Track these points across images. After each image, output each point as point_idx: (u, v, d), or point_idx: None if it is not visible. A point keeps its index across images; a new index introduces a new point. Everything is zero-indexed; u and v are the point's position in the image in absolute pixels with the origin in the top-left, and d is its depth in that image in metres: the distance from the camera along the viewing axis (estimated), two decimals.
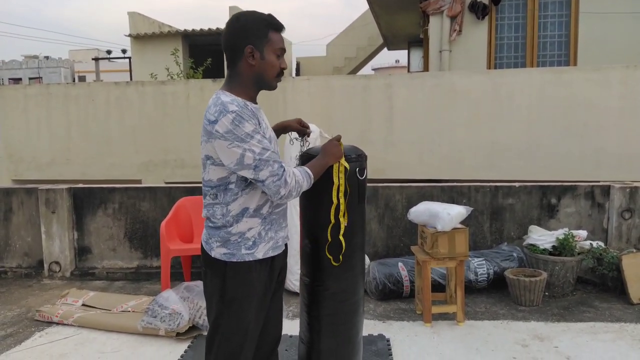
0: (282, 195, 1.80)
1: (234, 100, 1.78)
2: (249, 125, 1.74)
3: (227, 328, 1.89)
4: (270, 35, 1.84)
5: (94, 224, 4.92)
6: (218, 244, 1.88)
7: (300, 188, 1.85)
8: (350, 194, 2.10)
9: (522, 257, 4.22)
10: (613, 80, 5.95)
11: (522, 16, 7.66)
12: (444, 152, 6.30)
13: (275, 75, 1.88)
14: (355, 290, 2.21)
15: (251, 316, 1.89)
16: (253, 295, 1.89)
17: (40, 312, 3.81)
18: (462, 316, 3.57)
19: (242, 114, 1.74)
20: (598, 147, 5.97)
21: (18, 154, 7.30)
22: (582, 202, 4.52)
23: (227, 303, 1.87)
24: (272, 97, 6.60)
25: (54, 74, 36.64)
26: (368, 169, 2.23)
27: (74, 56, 42.30)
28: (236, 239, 1.86)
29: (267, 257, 1.92)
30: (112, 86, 7.20)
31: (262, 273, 1.91)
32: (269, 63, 1.85)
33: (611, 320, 3.63)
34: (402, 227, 4.58)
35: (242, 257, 1.86)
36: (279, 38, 1.87)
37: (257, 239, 1.88)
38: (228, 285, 1.87)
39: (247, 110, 1.77)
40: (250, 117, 1.76)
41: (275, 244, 1.94)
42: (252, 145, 1.73)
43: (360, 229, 2.20)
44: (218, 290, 1.89)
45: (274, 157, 1.78)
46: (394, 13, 10.17)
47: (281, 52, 1.88)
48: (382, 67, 36.76)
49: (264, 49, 1.83)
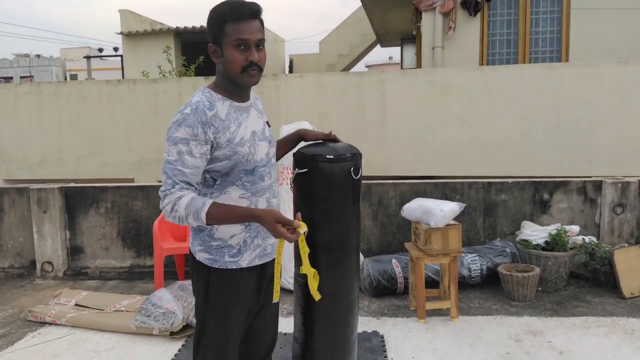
0: (162, 207, 1.68)
1: (199, 102, 1.70)
2: (183, 132, 1.64)
3: (211, 332, 1.84)
4: (226, 29, 1.67)
5: (86, 224, 4.89)
6: (200, 248, 1.81)
7: (179, 218, 1.65)
8: (344, 195, 2.06)
9: (515, 253, 4.24)
10: (605, 76, 5.98)
11: (514, 12, 7.69)
12: (437, 148, 6.31)
13: (239, 71, 1.70)
14: (350, 291, 2.19)
15: (234, 322, 1.84)
16: (237, 302, 1.82)
17: (32, 313, 3.78)
18: (455, 312, 3.58)
19: (187, 119, 1.65)
20: (590, 143, 6.00)
21: (9, 153, 7.24)
22: (575, 197, 4.55)
23: (211, 308, 1.82)
24: (265, 95, 6.59)
25: (45, 72, 36.37)
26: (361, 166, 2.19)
27: (65, 54, 42.00)
28: (218, 244, 1.78)
29: (253, 266, 1.84)
30: (104, 84, 7.15)
31: (249, 280, 1.84)
32: (229, 59, 1.69)
33: (604, 314, 3.65)
34: (396, 224, 4.59)
35: (225, 264, 1.79)
36: (239, 28, 1.67)
37: (242, 247, 1.80)
38: (211, 291, 1.81)
39: (197, 117, 1.66)
40: (193, 125, 1.64)
41: (262, 251, 1.86)
42: (171, 151, 1.66)
43: (355, 230, 2.17)
44: (203, 294, 1.83)
45: (176, 173, 1.65)
46: (386, 10, 10.17)
47: (243, 43, 1.68)
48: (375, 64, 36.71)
49: (222, 45, 1.70)
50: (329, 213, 2.07)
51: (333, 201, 2.06)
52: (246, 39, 1.67)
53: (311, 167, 2.01)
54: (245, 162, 1.76)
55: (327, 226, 2.08)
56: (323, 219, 2.07)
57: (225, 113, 1.74)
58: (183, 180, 1.66)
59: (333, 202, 2.06)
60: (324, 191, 2.04)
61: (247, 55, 1.69)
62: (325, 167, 2.01)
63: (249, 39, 1.68)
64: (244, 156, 1.74)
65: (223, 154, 1.71)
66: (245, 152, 1.75)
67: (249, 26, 1.68)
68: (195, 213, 1.63)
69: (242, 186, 1.78)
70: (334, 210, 2.08)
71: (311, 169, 2.02)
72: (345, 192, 2.07)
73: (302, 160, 2.04)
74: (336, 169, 2.02)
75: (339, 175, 2.03)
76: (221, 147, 1.71)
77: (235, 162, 1.74)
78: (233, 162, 1.73)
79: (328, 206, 2.07)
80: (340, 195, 2.06)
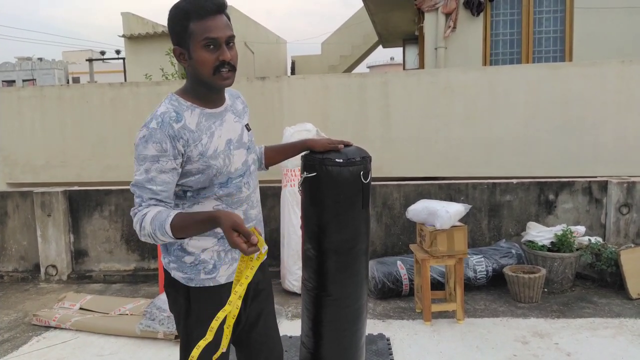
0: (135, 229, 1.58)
1: (165, 113, 1.58)
2: (152, 149, 1.53)
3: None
4: (191, 28, 1.53)
5: (90, 227, 4.89)
6: (174, 266, 1.69)
7: (147, 235, 1.54)
8: (353, 199, 2.02)
9: (521, 254, 4.21)
10: (609, 75, 5.95)
11: (517, 12, 7.66)
12: (441, 149, 6.29)
13: (210, 72, 1.56)
14: (358, 296, 2.15)
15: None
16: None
17: (37, 317, 3.78)
18: (461, 314, 3.56)
19: (154, 134, 1.54)
20: (595, 142, 5.97)
21: (12, 156, 7.25)
22: (580, 197, 4.52)
23: (195, 325, 1.69)
24: (267, 97, 6.59)
25: (47, 75, 36.47)
26: None
27: (67, 57, 42.11)
28: (192, 261, 1.67)
29: (231, 282, 1.68)
30: (107, 87, 7.16)
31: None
32: (198, 60, 1.55)
33: (610, 315, 3.63)
34: (400, 225, 4.57)
35: (202, 282, 1.68)
36: (206, 26, 1.53)
37: (217, 262, 1.68)
38: (194, 308, 1.69)
39: (164, 131, 1.54)
40: (161, 140, 1.53)
41: None
42: (139, 170, 1.56)
43: (364, 235, 2.12)
44: (184, 311, 1.71)
45: (147, 192, 1.55)
46: (388, 10, 10.15)
47: (212, 42, 1.53)
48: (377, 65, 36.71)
49: (189, 46, 1.55)
50: (337, 217, 2.03)
51: (342, 205, 2.01)
52: (215, 37, 1.53)
53: (320, 171, 1.96)
54: (220, 175, 1.64)
55: (335, 231, 2.04)
56: (332, 223, 2.03)
57: (196, 123, 1.60)
58: (152, 198, 1.56)
59: (342, 207, 2.01)
60: (333, 195, 1.99)
61: (217, 55, 1.55)
62: (334, 171, 1.96)
63: (218, 37, 1.53)
64: (219, 169, 1.63)
65: (195, 167, 1.60)
66: (219, 165, 1.62)
67: (217, 22, 1.54)
68: (161, 227, 1.50)
69: (217, 198, 1.66)
70: (343, 214, 2.03)
71: (320, 173, 1.97)
72: (354, 196, 2.02)
73: (310, 163, 2.00)
74: (345, 172, 1.96)
75: (348, 180, 1.97)
76: (193, 161, 1.59)
77: (209, 176, 1.62)
78: (206, 176, 1.62)
79: (337, 210, 2.02)
80: (349, 200, 2.01)
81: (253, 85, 6.67)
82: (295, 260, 4.13)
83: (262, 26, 15.01)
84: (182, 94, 1.65)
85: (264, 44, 14.82)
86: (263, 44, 14.65)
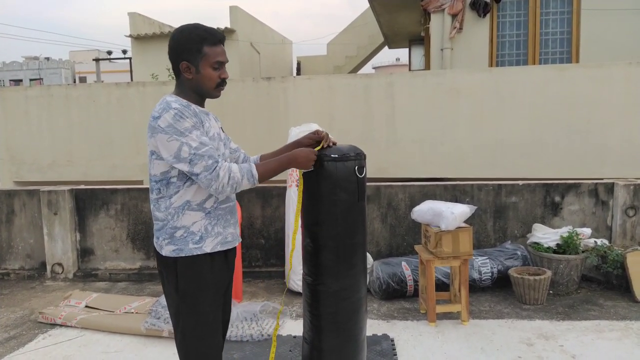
0: (215, 188, 1.84)
1: (177, 100, 1.90)
2: (189, 122, 1.84)
3: (187, 323, 1.94)
4: (205, 50, 1.91)
5: (96, 225, 4.91)
6: (166, 242, 1.94)
7: (235, 184, 1.87)
8: (349, 193, 2.11)
9: (526, 256, 4.20)
10: (616, 77, 5.92)
11: (524, 13, 7.64)
12: (447, 150, 6.28)
13: (213, 86, 1.96)
14: (357, 288, 2.21)
15: (208, 308, 1.94)
16: (206, 288, 1.94)
17: (43, 314, 3.80)
18: (466, 315, 3.56)
19: (183, 111, 1.85)
20: (601, 144, 5.94)
21: (19, 155, 7.30)
22: (586, 199, 4.50)
23: (182, 297, 1.93)
24: (273, 97, 6.60)
25: (54, 75, 36.68)
26: (371, 168, 2.23)
27: (74, 57, 42.34)
28: (182, 233, 1.92)
29: (217, 251, 1.96)
30: (113, 87, 7.19)
31: (215, 265, 1.96)
32: (206, 76, 1.93)
33: (616, 318, 3.61)
34: (405, 226, 4.57)
35: (190, 251, 1.92)
36: (216, 51, 1.94)
37: (204, 234, 1.94)
38: (181, 280, 1.92)
39: (189, 109, 1.87)
40: (191, 115, 1.86)
41: (224, 239, 1.99)
42: (189, 140, 1.82)
43: (360, 227, 2.20)
44: (174, 287, 1.95)
45: (210, 152, 1.84)
46: (394, 11, 10.15)
47: (219, 65, 1.95)
48: (382, 66, 36.70)
49: (199, 64, 1.92)
50: (335, 211, 2.12)
51: (338, 199, 2.11)
52: (222, 61, 1.96)
53: (316, 167, 2.08)
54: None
55: (333, 224, 2.13)
56: (329, 216, 2.12)
57: (197, 112, 1.93)
58: (218, 155, 1.89)
59: (339, 200, 2.11)
60: (329, 189, 2.09)
61: (220, 74, 1.96)
62: (330, 166, 2.07)
63: (224, 61, 1.97)
64: (216, 149, 1.91)
65: None
66: (215, 147, 1.93)
67: (223, 50, 1.97)
68: (248, 172, 1.89)
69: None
70: (340, 207, 2.12)
71: (316, 168, 2.08)
72: (350, 190, 2.12)
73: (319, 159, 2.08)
74: (341, 167, 2.08)
75: (343, 174, 2.09)
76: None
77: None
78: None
79: (334, 204, 2.12)
80: (345, 193, 2.11)
81: (259, 85, 6.69)
82: (300, 260, 4.13)
83: (268, 27, 15.04)
84: (177, 95, 1.96)
85: (270, 44, 14.85)
86: (269, 45, 14.67)
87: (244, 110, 6.60)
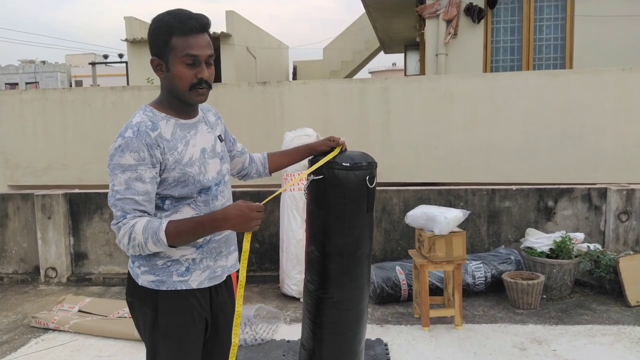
0: (121, 244, 1.55)
1: (140, 123, 1.57)
2: (130, 158, 1.52)
3: None
4: (173, 42, 1.56)
5: (90, 230, 4.90)
6: (144, 270, 1.64)
7: (138, 246, 1.52)
8: (358, 203, 2.05)
9: (520, 260, 4.22)
10: (609, 82, 5.97)
11: (518, 19, 7.69)
12: (441, 155, 6.30)
13: (186, 88, 1.58)
14: (360, 299, 2.18)
15: (191, 349, 1.67)
16: (191, 326, 1.66)
17: (36, 319, 3.78)
18: (460, 320, 3.56)
19: (130, 143, 1.52)
20: (595, 149, 5.98)
21: (14, 159, 7.27)
22: (579, 204, 4.53)
23: (162, 335, 1.64)
24: (268, 101, 6.61)
25: (50, 78, 36.58)
26: None
27: (70, 61, 42.26)
28: (164, 262, 1.63)
29: (203, 288, 1.68)
30: (109, 91, 7.19)
31: (201, 302, 1.68)
32: (176, 75, 1.57)
33: (609, 322, 3.62)
34: (400, 231, 4.58)
35: (174, 285, 1.63)
36: (187, 43, 1.56)
37: (191, 265, 1.65)
38: (161, 316, 1.63)
39: (141, 139, 1.53)
40: (138, 149, 1.52)
41: (212, 273, 1.70)
42: (117, 181, 1.53)
43: (367, 239, 2.14)
44: (151, 322, 1.64)
45: (125, 203, 1.52)
46: (390, 17, 10.20)
47: (193, 60, 1.57)
48: (378, 71, 36.77)
49: (168, 59, 1.58)
50: (342, 221, 2.05)
51: (347, 209, 2.03)
52: (196, 54, 1.56)
53: (326, 174, 2.00)
54: (197, 183, 1.63)
55: (340, 233, 2.06)
56: (336, 226, 2.06)
57: (171, 132, 1.61)
58: (135, 209, 1.53)
59: (347, 210, 2.04)
60: (338, 198, 2.02)
61: (196, 72, 1.58)
62: (341, 175, 1.99)
63: (199, 55, 1.57)
64: (194, 177, 1.62)
65: (172, 176, 1.59)
66: (195, 173, 1.63)
67: (199, 41, 1.57)
68: (154, 235, 1.50)
69: (195, 207, 1.66)
70: (348, 218, 2.05)
71: (326, 176, 2.00)
72: (359, 200, 2.04)
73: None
74: (351, 176, 2.00)
75: (354, 183, 2.01)
76: (170, 170, 1.58)
77: (186, 184, 1.62)
78: (183, 185, 1.61)
79: (342, 214, 2.04)
80: (354, 203, 2.04)
81: (254, 90, 6.70)
82: (294, 264, 4.14)
83: (264, 31, 15.08)
84: (156, 106, 1.65)
85: (266, 49, 14.88)
86: (265, 49, 14.71)
87: (240, 115, 6.61)
